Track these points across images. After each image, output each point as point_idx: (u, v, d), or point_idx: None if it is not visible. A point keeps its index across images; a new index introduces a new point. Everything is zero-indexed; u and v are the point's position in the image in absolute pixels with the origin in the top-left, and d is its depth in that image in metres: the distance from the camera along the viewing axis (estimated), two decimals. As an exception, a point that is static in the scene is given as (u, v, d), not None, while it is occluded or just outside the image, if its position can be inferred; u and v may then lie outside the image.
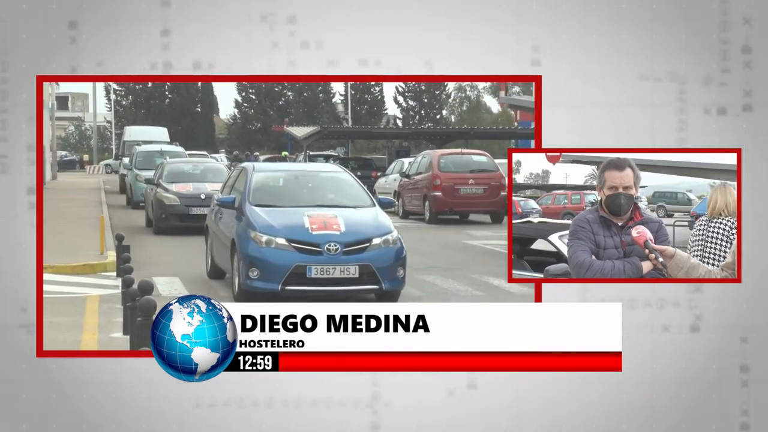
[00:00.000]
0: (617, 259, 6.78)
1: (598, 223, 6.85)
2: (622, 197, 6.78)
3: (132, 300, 10.67)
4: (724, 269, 6.74)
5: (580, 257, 6.74)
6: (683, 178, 6.86)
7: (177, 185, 26.66)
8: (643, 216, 6.80)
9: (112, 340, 11.65)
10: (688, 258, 6.70)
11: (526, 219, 6.82)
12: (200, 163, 30.89)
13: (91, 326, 12.50)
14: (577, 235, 6.82)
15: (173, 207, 25.79)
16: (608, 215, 6.80)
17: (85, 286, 16.12)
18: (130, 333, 10.60)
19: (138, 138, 50.42)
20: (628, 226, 6.79)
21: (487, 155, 32.29)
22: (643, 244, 6.72)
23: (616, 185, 6.81)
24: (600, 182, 6.84)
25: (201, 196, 25.50)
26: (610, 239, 6.82)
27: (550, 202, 6.80)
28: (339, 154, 56.28)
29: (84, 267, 17.81)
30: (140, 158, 38.42)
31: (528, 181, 6.97)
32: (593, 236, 6.80)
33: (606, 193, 6.84)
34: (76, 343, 11.41)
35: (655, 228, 6.79)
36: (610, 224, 6.86)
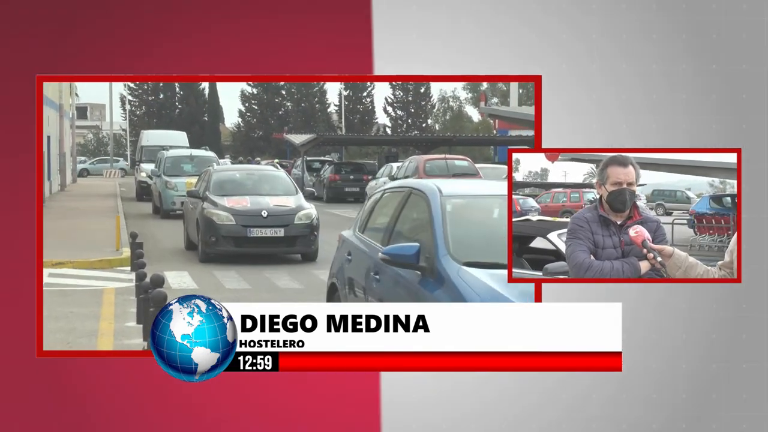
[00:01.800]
0: (616, 259, 6.13)
1: (596, 222, 6.19)
2: (627, 192, 6.11)
3: (145, 292, 10.87)
4: (721, 268, 6.10)
5: (579, 257, 6.10)
6: (682, 176, 6.21)
7: (230, 199, 19.55)
8: (642, 215, 6.17)
9: (126, 328, 11.72)
10: (686, 257, 6.06)
11: (525, 217, 6.16)
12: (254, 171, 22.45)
13: (107, 316, 12.56)
14: (576, 235, 6.16)
15: (227, 227, 18.76)
16: (608, 213, 6.17)
17: (102, 279, 16.15)
18: (143, 322, 10.82)
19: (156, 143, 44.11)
20: (627, 225, 6.17)
21: (468, 160, 33.12)
22: (641, 243, 6.08)
23: (621, 181, 6.12)
24: (602, 179, 6.18)
25: (262, 214, 19.01)
26: (609, 239, 6.16)
27: (549, 200, 6.14)
28: (333, 159, 56.08)
29: (101, 262, 17.83)
30: (169, 164, 32.87)
31: (527, 179, 6.31)
32: (592, 236, 6.15)
33: (609, 189, 6.15)
34: (94, 331, 11.52)
35: (654, 227, 6.15)
36: (609, 223, 6.20)
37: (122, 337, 11.22)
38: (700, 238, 6.27)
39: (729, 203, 6.06)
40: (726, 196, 6.04)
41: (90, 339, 11.09)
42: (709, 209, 6.27)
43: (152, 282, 10.51)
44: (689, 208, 6.14)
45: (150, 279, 10.72)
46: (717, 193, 6.24)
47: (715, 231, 6.26)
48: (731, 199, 6.06)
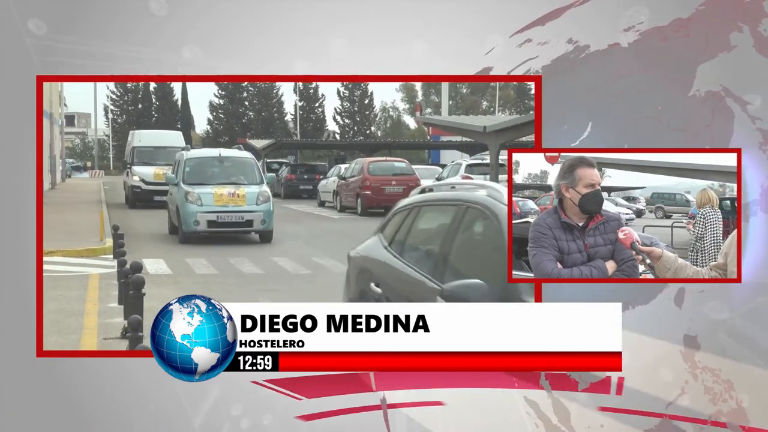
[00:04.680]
0: (582, 263, 5.21)
1: (559, 228, 5.24)
2: (601, 193, 5.23)
3: (125, 277, 10.84)
4: (713, 269, 5.29)
5: (546, 268, 5.16)
6: (681, 179, 5.37)
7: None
8: (604, 215, 5.27)
9: (109, 308, 11.66)
10: (675, 258, 5.24)
11: (525, 219, 5.32)
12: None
13: (92, 298, 12.55)
14: (540, 243, 5.20)
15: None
16: (571, 217, 5.20)
17: (88, 266, 16.03)
18: (124, 303, 10.79)
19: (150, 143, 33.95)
20: (589, 227, 5.29)
21: (406, 162, 33.32)
22: (630, 245, 5.24)
23: (594, 182, 5.18)
24: (570, 182, 5.20)
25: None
26: (573, 243, 5.23)
27: (549, 202, 5.28)
28: (290, 161, 55.51)
29: (87, 251, 17.71)
30: (190, 168, 21.36)
31: (526, 181, 5.45)
32: (556, 242, 5.20)
33: (582, 191, 5.19)
34: (81, 311, 11.47)
35: (616, 226, 5.23)
36: (572, 228, 5.26)
37: (106, 317, 11.22)
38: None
39: (728, 207, 5.26)
40: (725, 200, 5.24)
41: (77, 318, 11.05)
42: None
43: (132, 268, 10.47)
44: (688, 211, 5.32)
45: (130, 265, 10.69)
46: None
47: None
48: (731, 202, 5.27)
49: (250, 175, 21.56)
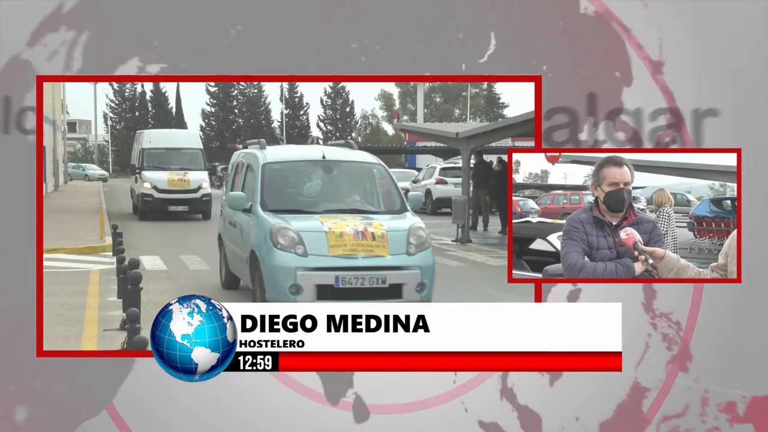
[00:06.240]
0: (610, 260, 4.92)
1: (591, 224, 4.97)
2: (625, 192, 4.92)
3: (124, 272, 10.69)
4: (714, 270, 4.93)
5: (572, 258, 4.88)
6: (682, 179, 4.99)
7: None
8: (637, 216, 4.96)
9: (109, 302, 11.46)
10: (677, 259, 4.87)
11: (525, 219, 4.94)
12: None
13: (93, 292, 12.41)
14: (570, 236, 4.93)
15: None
16: (603, 214, 4.96)
17: (89, 262, 15.75)
18: (123, 297, 10.61)
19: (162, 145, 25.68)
20: (622, 226, 4.97)
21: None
22: (632, 246, 4.88)
23: (617, 181, 4.91)
24: (597, 180, 4.96)
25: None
26: (604, 240, 4.94)
27: (549, 202, 4.93)
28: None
29: (88, 248, 17.30)
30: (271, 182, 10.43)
31: (527, 181, 5.06)
32: (586, 237, 4.91)
33: (606, 190, 4.95)
34: (82, 304, 11.31)
35: (650, 228, 4.92)
36: (604, 224, 4.98)
37: (106, 310, 10.98)
38: (700, 241, 5.14)
39: (729, 206, 4.89)
40: (726, 199, 4.87)
41: (79, 311, 10.90)
42: (709, 212, 5.14)
43: (130, 264, 10.36)
44: (689, 211, 4.95)
45: (128, 262, 10.57)
46: (717, 196, 5.11)
47: (715, 234, 5.13)
48: (731, 202, 4.90)
49: (386, 196, 11.06)
